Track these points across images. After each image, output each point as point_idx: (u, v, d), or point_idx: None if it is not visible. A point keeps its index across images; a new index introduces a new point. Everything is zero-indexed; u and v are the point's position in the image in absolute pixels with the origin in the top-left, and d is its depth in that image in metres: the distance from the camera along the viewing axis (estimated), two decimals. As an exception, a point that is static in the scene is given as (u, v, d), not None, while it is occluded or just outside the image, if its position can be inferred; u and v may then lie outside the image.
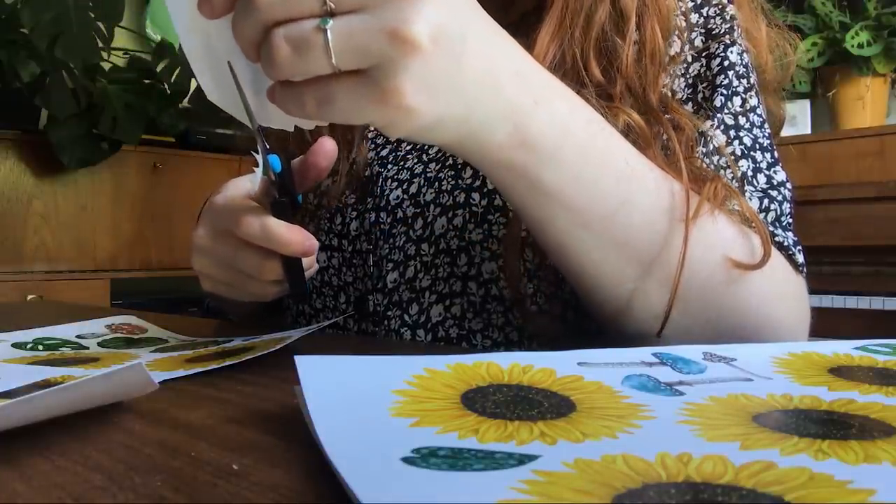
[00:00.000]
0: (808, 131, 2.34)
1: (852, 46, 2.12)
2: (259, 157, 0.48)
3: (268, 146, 0.47)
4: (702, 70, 0.60)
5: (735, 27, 0.61)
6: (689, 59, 0.60)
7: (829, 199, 1.97)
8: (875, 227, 1.91)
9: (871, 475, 0.22)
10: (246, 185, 0.53)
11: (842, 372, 0.34)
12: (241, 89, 0.43)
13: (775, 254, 0.51)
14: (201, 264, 0.54)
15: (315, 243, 0.48)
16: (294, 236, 0.47)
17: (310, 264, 0.53)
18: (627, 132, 0.51)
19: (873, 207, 1.92)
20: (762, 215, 0.55)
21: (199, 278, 0.56)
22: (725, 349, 0.38)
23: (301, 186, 0.52)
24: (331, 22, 0.34)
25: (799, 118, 2.33)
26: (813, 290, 0.56)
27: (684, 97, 0.60)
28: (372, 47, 0.34)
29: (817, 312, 0.55)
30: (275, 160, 0.48)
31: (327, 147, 0.52)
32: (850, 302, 1.93)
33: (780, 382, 0.33)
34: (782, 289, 0.52)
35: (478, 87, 0.39)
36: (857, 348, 0.38)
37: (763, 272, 0.48)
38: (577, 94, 0.46)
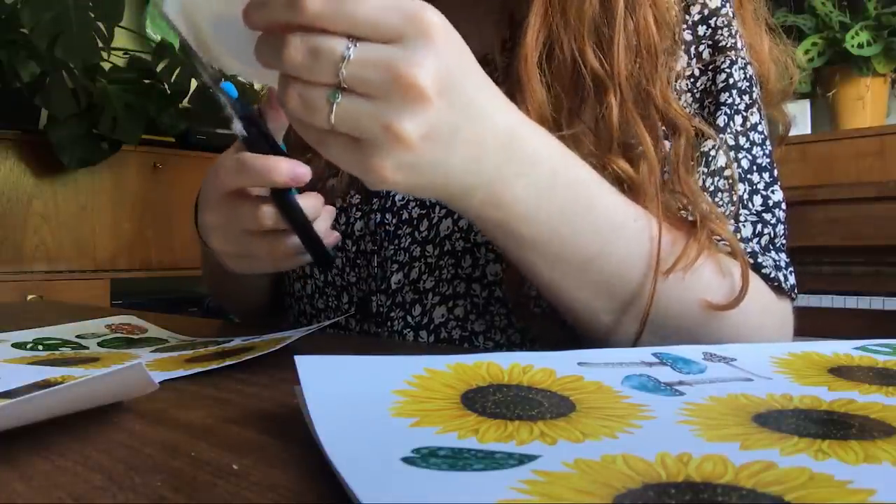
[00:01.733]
0: (808, 131, 2.33)
1: (852, 46, 2.12)
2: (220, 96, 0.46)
3: (220, 78, 0.46)
4: (707, 84, 0.59)
5: (739, 40, 0.60)
6: (697, 72, 0.59)
7: (829, 199, 1.97)
8: (875, 227, 1.91)
9: (871, 475, 0.22)
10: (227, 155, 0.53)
11: (842, 372, 0.34)
12: (177, 29, 0.44)
13: (759, 286, 0.52)
14: (216, 242, 0.54)
15: (306, 171, 0.47)
16: (273, 162, 0.47)
17: (321, 217, 0.52)
18: (617, 181, 0.51)
19: (873, 207, 1.92)
20: (756, 240, 0.56)
21: (223, 260, 0.56)
22: (725, 349, 0.38)
23: (276, 122, 0.52)
24: (339, 98, 0.37)
25: (799, 118, 2.33)
26: (813, 290, 0.56)
27: (692, 112, 0.59)
28: (366, 131, 0.37)
29: (817, 312, 0.56)
30: (229, 86, 0.47)
31: None
32: (850, 302, 1.92)
33: (780, 382, 0.33)
34: (761, 320, 0.53)
35: (460, 169, 0.41)
36: (857, 348, 0.38)
37: (741, 309, 0.50)
38: (576, 135, 0.47)
